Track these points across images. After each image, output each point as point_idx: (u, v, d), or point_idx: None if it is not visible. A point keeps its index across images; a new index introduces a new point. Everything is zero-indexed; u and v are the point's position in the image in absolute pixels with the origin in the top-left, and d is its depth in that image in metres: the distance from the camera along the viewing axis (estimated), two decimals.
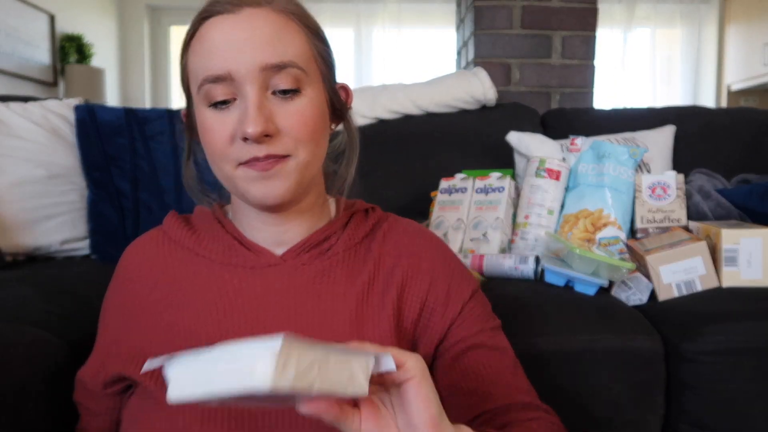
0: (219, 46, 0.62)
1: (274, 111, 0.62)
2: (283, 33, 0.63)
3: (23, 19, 3.53)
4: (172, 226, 0.74)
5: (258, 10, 0.63)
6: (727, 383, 0.99)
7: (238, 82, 0.61)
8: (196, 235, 0.73)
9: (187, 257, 0.72)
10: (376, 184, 1.65)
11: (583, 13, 2.30)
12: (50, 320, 0.93)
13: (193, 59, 0.65)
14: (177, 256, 0.72)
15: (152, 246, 0.74)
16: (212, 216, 0.75)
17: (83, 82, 3.88)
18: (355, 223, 0.75)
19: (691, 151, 1.68)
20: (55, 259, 1.41)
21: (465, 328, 0.72)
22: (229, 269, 0.70)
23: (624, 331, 1.02)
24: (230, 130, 0.63)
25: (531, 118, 1.81)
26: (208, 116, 0.64)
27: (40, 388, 0.81)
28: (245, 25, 0.62)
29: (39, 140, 1.39)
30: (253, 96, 0.61)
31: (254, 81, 0.61)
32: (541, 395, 0.99)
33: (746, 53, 4.41)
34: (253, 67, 0.61)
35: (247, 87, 0.61)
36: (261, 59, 0.61)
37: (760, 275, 1.13)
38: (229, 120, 0.63)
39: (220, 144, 0.63)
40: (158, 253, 0.73)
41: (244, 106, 0.61)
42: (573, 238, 1.30)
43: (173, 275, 0.71)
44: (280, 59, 0.62)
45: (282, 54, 0.62)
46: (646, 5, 4.56)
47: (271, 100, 0.63)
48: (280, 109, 0.63)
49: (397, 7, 4.60)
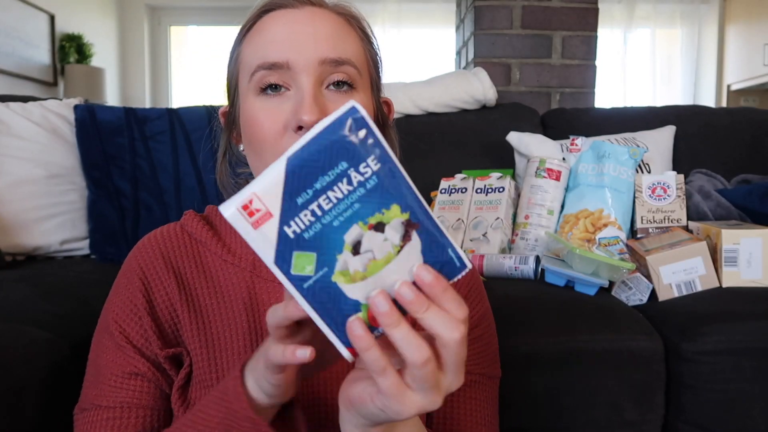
0: (279, 36, 0.62)
1: (326, 104, 0.61)
2: (342, 33, 0.64)
3: (23, 19, 3.53)
4: (196, 227, 0.70)
5: (319, 9, 0.64)
6: (727, 383, 0.99)
7: (294, 71, 0.61)
8: (222, 241, 0.69)
9: (213, 260, 0.68)
10: None
11: (583, 13, 2.30)
12: (50, 320, 0.93)
13: (249, 50, 0.64)
14: (203, 258, 0.69)
15: (173, 242, 0.69)
16: None
17: (83, 81, 3.88)
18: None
19: (691, 151, 1.68)
20: (55, 259, 1.41)
21: None
22: (259, 281, 0.67)
23: (624, 331, 1.02)
24: (282, 119, 0.61)
25: (531, 118, 1.81)
26: (257, 104, 0.62)
27: (40, 388, 0.81)
28: (307, 20, 0.63)
29: (39, 140, 1.39)
30: (309, 86, 0.60)
31: (312, 73, 0.61)
32: (541, 395, 0.99)
33: (746, 53, 4.41)
34: (313, 58, 0.61)
35: (303, 77, 0.61)
36: (320, 52, 0.61)
37: (760, 275, 1.13)
38: (280, 109, 0.61)
39: (270, 134, 0.61)
40: (181, 251, 0.68)
41: (300, 96, 0.60)
42: (573, 238, 1.30)
43: (200, 276, 0.67)
44: (338, 55, 0.62)
45: (341, 51, 0.62)
46: (646, 5, 4.56)
47: (324, 95, 0.62)
48: (334, 102, 0.62)
49: (397, 7, 4.60)
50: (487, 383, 0.70)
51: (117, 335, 0.65)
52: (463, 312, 0.43)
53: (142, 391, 0.64)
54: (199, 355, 0.65)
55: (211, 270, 0.68)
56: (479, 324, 0.70)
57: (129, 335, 0.65)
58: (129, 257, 0.69)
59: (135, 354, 0.64)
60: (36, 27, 3.67)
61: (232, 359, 0.65)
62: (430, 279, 0.42)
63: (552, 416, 0.99)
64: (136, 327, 0.65)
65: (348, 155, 0.40)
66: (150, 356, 0.65)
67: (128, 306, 0.66)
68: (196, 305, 0.66)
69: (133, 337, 0.65)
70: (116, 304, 0.67)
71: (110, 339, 0.66)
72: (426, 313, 0.42)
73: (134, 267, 0.68)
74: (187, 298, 0.66)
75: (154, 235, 0.70)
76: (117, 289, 0.68)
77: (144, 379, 0.64)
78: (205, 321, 0.66)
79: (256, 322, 0.65)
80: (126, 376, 0.64)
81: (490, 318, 0.73)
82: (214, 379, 0.64)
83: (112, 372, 0.65)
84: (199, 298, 0.66)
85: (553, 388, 0.99)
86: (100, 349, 0.67)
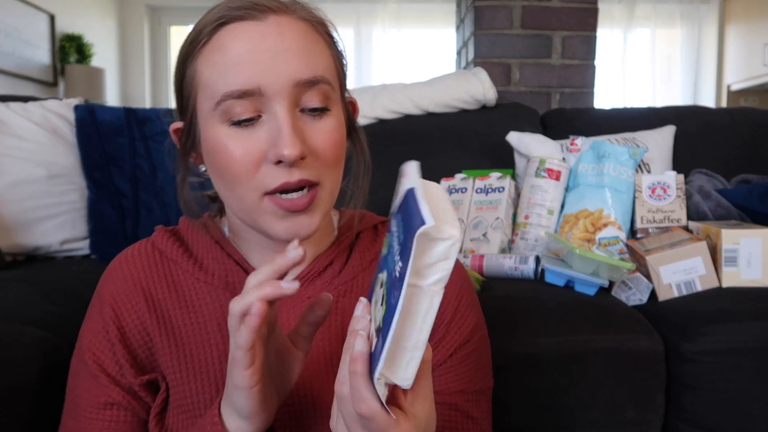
0: (244, 57, 0.55)
1: (304, 130, 0.57)
2: (312, 45, 0.58)
3: (23, 19, 3.53)
4: (166, 244, 0.67)
5: (284, 18, 0.57)
6: (727, 383, 0.99)
7: (266, 97, 0.55)
8: (194, 258, 0.66)
9: (185, 279, 0.66)
10: (376, 184, 1.64)
11: (583, 13, 2.30)
12: (50, 320, 0.93)
13: (209, 70, 0.57)
14: (175, 277, 0.66)
15: (143, 263, 0.66)
16: (204, 230, 0.68)
17: (83, 82, 3.88)
18: (363, 245, 0.69)
19: (691, 151, 1.67)
20: (55, 259, 1.41)
21: (446, 381, 0.65)
22: (233, 297, 0.64)
23: (624, 331, 1.02)
24: (257, 150, 0.56)
25: (531, 118, 1.81)
26: (227, 135, 0.57)
27: (40, 387, 0.81)
28: (273, 34, 0.56)
29: (39, 140, 1.39)
30: (286, 114, 0.55)
31: (286, 97, 0.56)
32: (541, 395, 0.99)
33: (746, 53, 4.41)
34: (286, 81, 0.55)
35: (277, 104, 0.55)
36: (294, 74, 0.56)
37: (760, 275, 1.13)
38: (254, 139, 0.56)
39: (244, 168, 0.56)
40: (152, 272, 0.66)
41: (276, 126, 0.55)
42: (573, 238, 1.30)
43: (173, 297, 0.65)
44: (312, 74, 0.57)
45: (314, 68, 0.57)
46: (646, 5, 4.56)
47: (300, 119, 0.57)
48: (310, 129, 0.57)
49: (397, 7, 4.60)
50: (481, 399, 0.69)
51: (91, 364, 0.64)
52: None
53: (119, 421, 0.63)
54: (175, 377, 0.63)
55: (183, 289, 0.65)
56: (471, 338, 0.67)
57: (103, 363, 0.63)
58: (100, 282, 0.68)
59: (109, 383, 0.63)
60: (36, 27, 3.67)
61: (208, 380, 0.63)
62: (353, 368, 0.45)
63: (552, 416, 0.99)
64: (109, 355, 0.63)
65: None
66: (125, 384, 0.63)
67: (101, 334, 0.64)
68: (170, 328, 0.64)
69: (107, 365, 0.63)
70: (89, 331, 0.65)
71: (84, 368, 0.64)
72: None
73: (105, 294, 0.66)
74: (160, 322, 0.64)
75: (125, 257, 0.67)
76: (90, 314, 0.67)
77: (120, 408, 0.63)
78: (179, 343, 0.64)
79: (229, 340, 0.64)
80: (101, 407, 0.63)
81: (483, 328, 0.71)
82: (192, 402, 0.63)
83: (87, 403, 0.63)
84: (172, 320, 0.64)
85: (553, 388, 0.99)
86: (76, 378, 0.66)
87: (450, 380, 0.65)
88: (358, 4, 4.57)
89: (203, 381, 0.63)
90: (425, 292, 0.43)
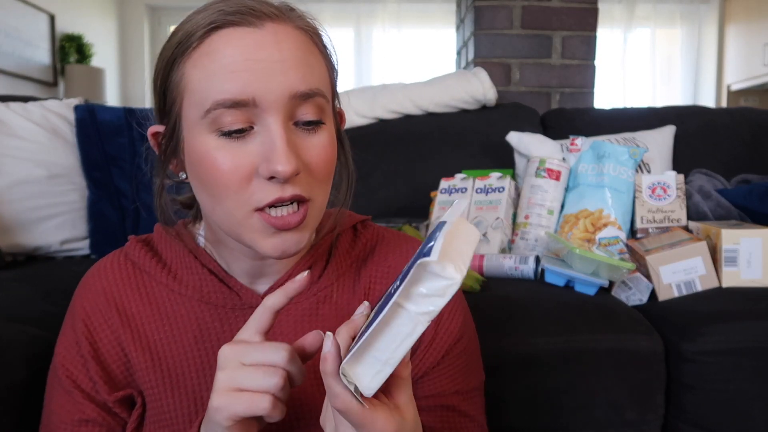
0: (239, 65, 0.53)
1: (297, 145, 0.55)
2: (308, 56, 0.56)
3: (23, 19, 3.53)
4: (139, 255, 0.65)
5: (281, 27, 0.55)
6: (727, 383, 0.99)
7: (260, 109, 0.53)
8: (167, 268, 0.65)
9: (159, 290, 0.64)
10: (376, 184, 1.65)
11: (583, 13, 2.30)
12: (50, 320, 0.93)
13: (198, 75, 0.54)
14: (149, 289, 0.64)
15: (116, 276, 0.65)
16: (178, 240, 0.66)
17: (83, 82, 3.89)
18: (342, 248, 0.68)
19: (691, 151, 1.68)
20: (55, 259, 1.41)
21: (440, 383, 0.65)
22: (208, 308, 0.63)
23: (624, 331, 1.02)
24: (248, 164, 0.53)
25: (531, 118, 1.81)
26: (215, 146, 0.54)
27: (40, 387, 0.81)
28: (271, 43, 0.54)
29: (39, 140, 1.39)
30: (280, 128, 0.53)
31: (280, 110, 0.53)
32: (541, 395, 0.99)
33: (746, 53, 4.41)
34: (282, 93, 0.53)
35: (271, 116, 0.53)
36: (290, 86, 0.53)
37: (760, 275, 1.13)
38: (244, 152, 0.54)
39: (233, 182, 0.54)
40: (125, 285, 0.64)
41: (269, 140, 0.53)
42: (573, 238, 1.30)
43: (147, 310, 0.64)
44: (308, 87, 0.54)
45: (310, 81, 0.55)
46: (646, 5, 4.57)
47: (294, 132, 0.55)
48: (304, 144, 0.55)
49: (397, 7, 4.60)
50: (476, 396, 0.68)
51: (65, 380, 0.63)
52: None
53: None
54: (153, 392, 0.62)
55: (158, 301, 0.64)
56: (461, 337, 0.66)
57: (76, 380, 0.63)
58: (75, 295, 0.66)
59: (84, 399, 0.62)
60: (36, 27, 3.67)
61: (186, 393, 0.62)
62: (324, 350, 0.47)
63: (552, 416, 0.99)
64: (82, 371, 0.63)
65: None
66: (99, 401, 0.62)
67: (74, 350, 0.63)
68: (146, 342, 0.63)
69: (80, 381, 0.63)
70: (63, 347, 0.65)
71: (59, 384, 0.64)
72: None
73: (78, 308, 0.65)
74: (134, 336, 0.63)
75: (98, 270, 0.66)
76: (64, 329, 0.66)
77: (94, 424, 0.62)
78: (155, 357, 0.63)
79: (207, 352, 0.62)
80: (75, 424, 0.62)
81: (470, 324, 0.70)
82: (170, 416, 0.62)
83: (62, 419, 0.63)
84: (147, 334, 0.63)
85: (553, 388, 0.99)
86: (51, 393, 0.65)
87: (444, 382, 0.65)
88: (358, 4, 4.57)
89: (181, 394, 0.62)
90: (411, 317, 0.44)
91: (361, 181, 0.72)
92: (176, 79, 0.56)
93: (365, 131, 1.73)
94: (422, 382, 0.64)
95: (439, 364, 0.65)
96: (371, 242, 0.69)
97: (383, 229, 0.71)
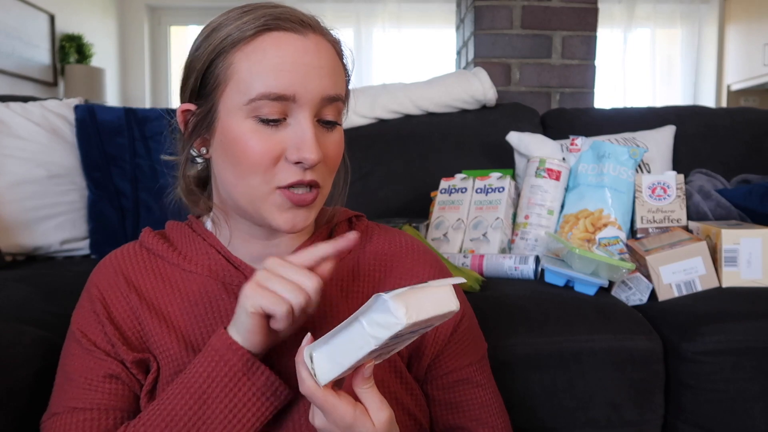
0: (288, 65, 0.61)
1: (319, 139, 0.63)
2: (337, 66, 0.66)
3: (23, 19, 3.53)
4: (152, 242, 0.72)
5: (320, 38, 0.64)
6: (727, 383, 0.99)
7: (297, 105, 0.62)
8: (178, 251, 0.71)
9: (172, 271, 0.70)
10: (376, 184, 1.65)
11: (583, 13, 2.30)
12: (50, 320, 0.93)
13: (247, 66, 0.62)
14: (162, 270, 0.71)
15: (131, 260, 0.72)
16: (189, 230, 0.74)
17: (83, 82, 3.88)
18: (339, 237, 0.74)
19: (691, 151, 1.68)
20: (55, 259, 1.41)
21: (454, 358, 0.73)
22: (217, 284, 0.69)
23: (624, 331, 1.02)
24: (278, 149, 0.62)
25: (531, 118, 1.81)
26: (251, 130, 0.62)
27: (40, 388, 0.81)
28: (313, 51, 0.63)
29: (39, 140, 1.39)
30: (310, 123, 0.62)
31: (312, 107, 0.63)
32: (540, 395, 0.99)
33: (746, 53, 4.41)
34: (316, 94, 0.62)
35: (303, 112, 0.62)
36: (324, 89, 0.63)
37: (760, 275, 1.13)
38: (276, 138, 0.62)
39: (264, 161, 0.62)
40: (140, 267, 0.71)
41: (300, 131, 0.62)
42: (573, 238, 1.30)
43: (160, 286, 0.70)
44: (336, 92, 0.64)
45: (336, 87, 0.64)
46: (646, 5, 4.56)
47: (317, 128, 0.64)
48: (323, 139, 0.64)
49: (397, 7, 4.60)
50: (485, 364, 0.77)
51: (84, 342, 0.67)
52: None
53: (117, 393, 0.65)
54: (169, 354, 0.66)
55: (170, 279, 0.70)
56: (464, 315, 0.74)
57: (95, 341, 0.67)
58: (90, 278, 0.72)
59: (106, 357, 0.66)
60: (36, 27, 3.67)
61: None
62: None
63: (552, 416, 0.99)
64: (100, 334, 0.67)
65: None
66: (118, 360, 0.66)
67: (92, 317, 0.68)
68: (159, 311, 0.68)
69: (99, 342, 0.67)
70: (80, 316, 0.70)
71: (78, 347, 0.67)
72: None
73: (93, 286, 0.70)
74: (148, 306, 0.68)
75: (114, 255, 0.73)
76: (81, 303, 0.71)
77: (119, 381, 0.66)
78: (169, 323, 0.67)
79: (217, 320, 0.68)
80: (101, 379, 0.65)
81: (463, 296, 0.76)
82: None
83: (85, 376, 0.66)
84: (161, 306, 0.68)
85: (552, 387, 0.99)
86: (68, 359, 0.68)
87: (458, 357, 0.73)
88: (358, 4, 4.57)
89: (196, 354, 0.65)
90: (364, 334, 0.51)
91: (361, 181, 0.75)
92: (223, 67, 0.63)
93: (365, 131, 1.73)
94: (439, 360, 0.72)
95: (449, 341, 0.72)
96: (366, 233, 0.76)
97: (375, 223, 0.79)
